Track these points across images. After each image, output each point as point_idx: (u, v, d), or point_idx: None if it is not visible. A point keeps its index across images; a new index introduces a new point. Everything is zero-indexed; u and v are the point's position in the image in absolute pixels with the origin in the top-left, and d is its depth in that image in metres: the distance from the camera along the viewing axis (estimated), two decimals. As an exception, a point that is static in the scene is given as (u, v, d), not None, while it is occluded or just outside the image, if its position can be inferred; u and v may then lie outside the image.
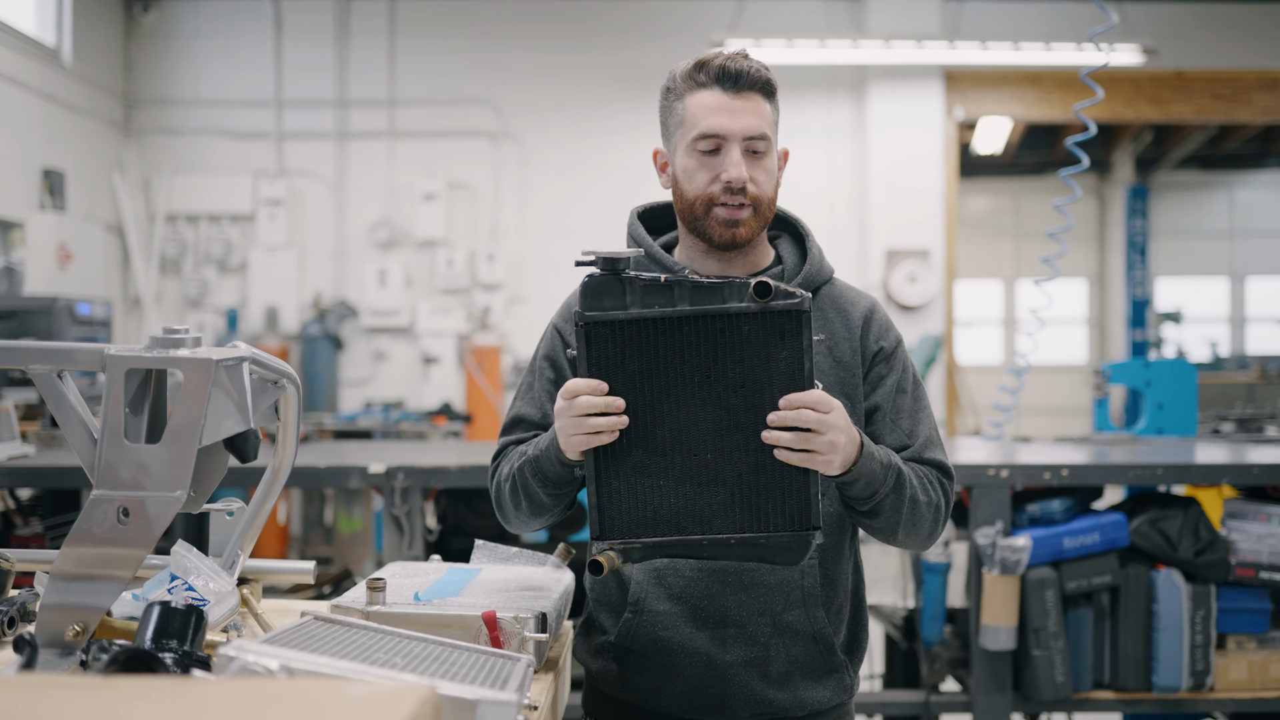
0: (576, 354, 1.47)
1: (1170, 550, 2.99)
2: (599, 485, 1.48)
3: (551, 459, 1.57)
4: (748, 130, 1.61)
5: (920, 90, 8.03)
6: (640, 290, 1.45)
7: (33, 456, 3.33)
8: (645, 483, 1.47)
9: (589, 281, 1.46)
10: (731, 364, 1.44)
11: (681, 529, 1.48)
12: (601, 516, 1.48)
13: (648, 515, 1.48)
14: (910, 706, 3.19)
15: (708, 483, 1.47)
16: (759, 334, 1.44)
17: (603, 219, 7.61)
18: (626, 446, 1.47)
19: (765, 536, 1.47)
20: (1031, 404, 11.00)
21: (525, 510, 1.67)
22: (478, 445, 4.45)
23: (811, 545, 1.48)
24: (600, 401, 1.45)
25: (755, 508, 1.47)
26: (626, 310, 1.45)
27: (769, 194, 1.65)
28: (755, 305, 1.42)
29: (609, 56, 8.17)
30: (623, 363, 1.46)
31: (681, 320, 1.44)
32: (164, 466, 1.28)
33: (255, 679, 1.00)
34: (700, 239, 1.68)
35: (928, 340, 7.73)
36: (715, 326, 1.44)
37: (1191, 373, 4.03)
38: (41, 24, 7.28)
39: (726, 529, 1.47)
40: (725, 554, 1.50)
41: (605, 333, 1.46)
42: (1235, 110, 8.47)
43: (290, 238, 8.11)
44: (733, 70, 1.61)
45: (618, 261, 1.46)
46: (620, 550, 1.49)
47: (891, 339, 1.74)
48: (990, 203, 13.11)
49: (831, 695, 1.73)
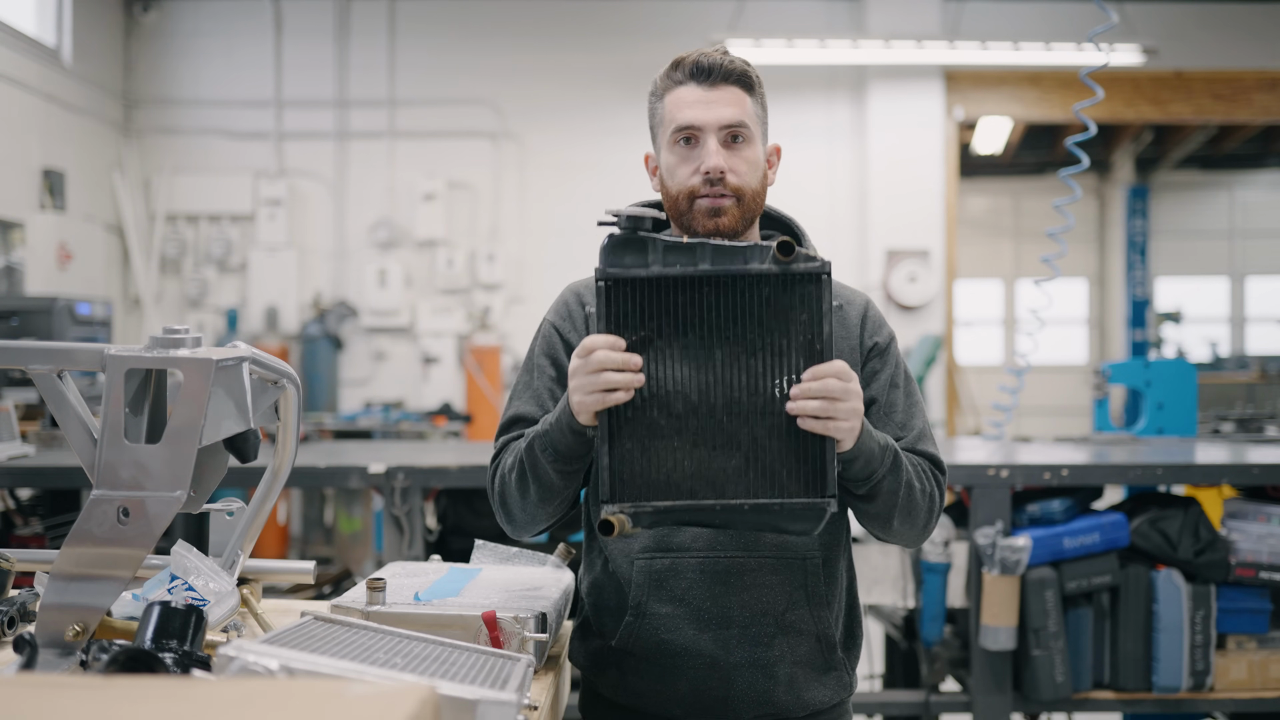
0: (595, 312, 1.45)
1: (1170, 550, 2.99)
2: (611, 446, 1.45)
3: (563, 428, 1.53)
4: (724, 120, 1.61)
5: (920, 90, 8.03)
6: (662, 250, 1.44)
7: (33, 456, 3.33)
8: (659, 445, 1.45)
9: (612, 239, 1.45)
10: (751, 326, 1.43)
11: (695, 493, 1.45)
12: (613, 478, 1.45)
13: (661, 478, 1.45)
14: (910, 706, 3.19)
15: (723, 446, 1.44)
16: (779, 296, 1.43)
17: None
18: (641, 407, 1.44)
19: (780, 503, 1.45)
20: (1031, 404, 11.01)
21: (534, 496, 1.62)
22: (478, 445, 4.45)
23: (826, 514, 1.46)
24: (618, 357, 1.42)
25: (770, 473, 1.45)
26: (648, 268, 1.43)
27: (752, 185, 1.64)
28: (776, 266, 1.42)
29: (609, 56, 8.17)
30: (641, 321, 1.44)
31: (702, 280, 1.43)
32: (164, 466, 1.28)
33: (255, 679, 1.00)
34: (688, 233, 1.67)
35: (928, 340, 7.72)
36: (736, 287, 1.43)
37: (1191, 373, 4.03)
38: (41, 24, 7.28)
39: (741, 494, 1.45)
40: (738, 520, 1.48)
41: (625, 289, 1.43)
42: (1235, 110, 8.47)
43: (290, 238, 8.11)
44: (705, 64, 1.63)
45: (641, 220, 1.45)
46: (631, 513, 1.45)
47: (885, 335, 1.76)
48: (990, 203, 13.11)
49: (832, 694, 1.73)
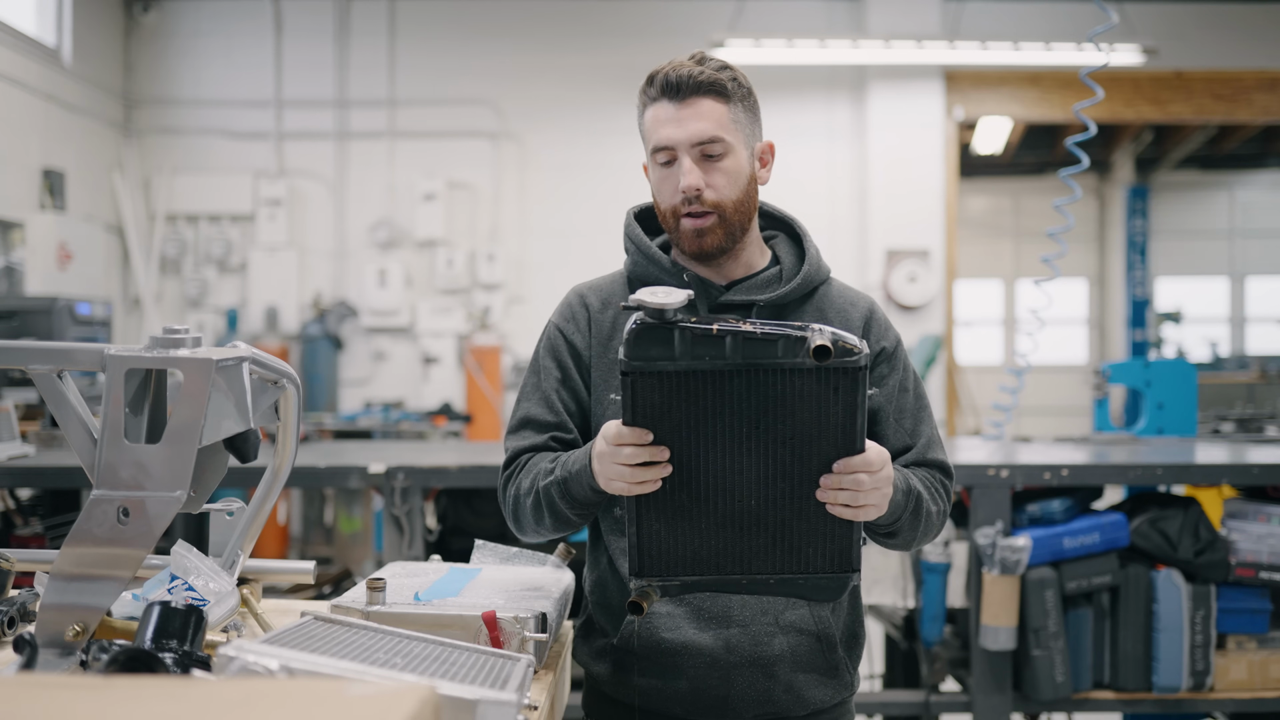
0: (621, 400, 1.42)
1: (1170, 550, 2.99)
2: (639, 526, 1.46)
3: (583, 486, 1.56)
4: (694, 137, 1.60)
5: (920, 90, 8.03)
6: (690, 341, 1.38)
7: (33, 456, 3.33)
8: (686, 525, 1.45)
9: (636, 328, 1.39)
10: (782, 417, 1.40)
11: (721, 569, 1.47)
12: (641, 556, 1.46)
13: (688, 555, 1.46)
14: (910, 706, 3.19)
15: (749, 527, 1.45)
16: (813, 389, 1.38)
17: (603, 219, 7.60)
18: (669, 491, 1.44)
19: (805, 577, 1.47)
20: (1031, 404, 11.01)
21: (549, 526, 1.67)
22: (478, 445, 4.45)
23: (849, 585, 1.50)
24: (645, 452, 1.41)
25: (796, 550, 1.46)
26: (675, 361, 1.38)
27: (732, 197, 1.63)
28: (811, 363, 1.36)
29: (609, 56, 8.17)
30: (668, 412, 1.41)
31: (732, 373, 1.38)
32: (164, 466, 1.28)
33: (255, 679, 1.00)
34: (679, 249, 1.69)
35: (928, 340, 7.72)
36: (767, 380, 1.38)
37: (1191, 373, 4.03)
38: (41, 24, 7.28)
39: (766, 570, 1.47)
40: (763, 590, 1.51)
41: (651, 382, 1.40)
42: (1235, 110, 8.47)
43: (290, 238, 8.11)
44: (674, 80, 1.60)
45: (665, 311, 1.38)
46: (659, 586, 1.47)
47: (892, 338, 1.74)
48: (990, 203, 13.10)
49: (833, 693, 1.73)
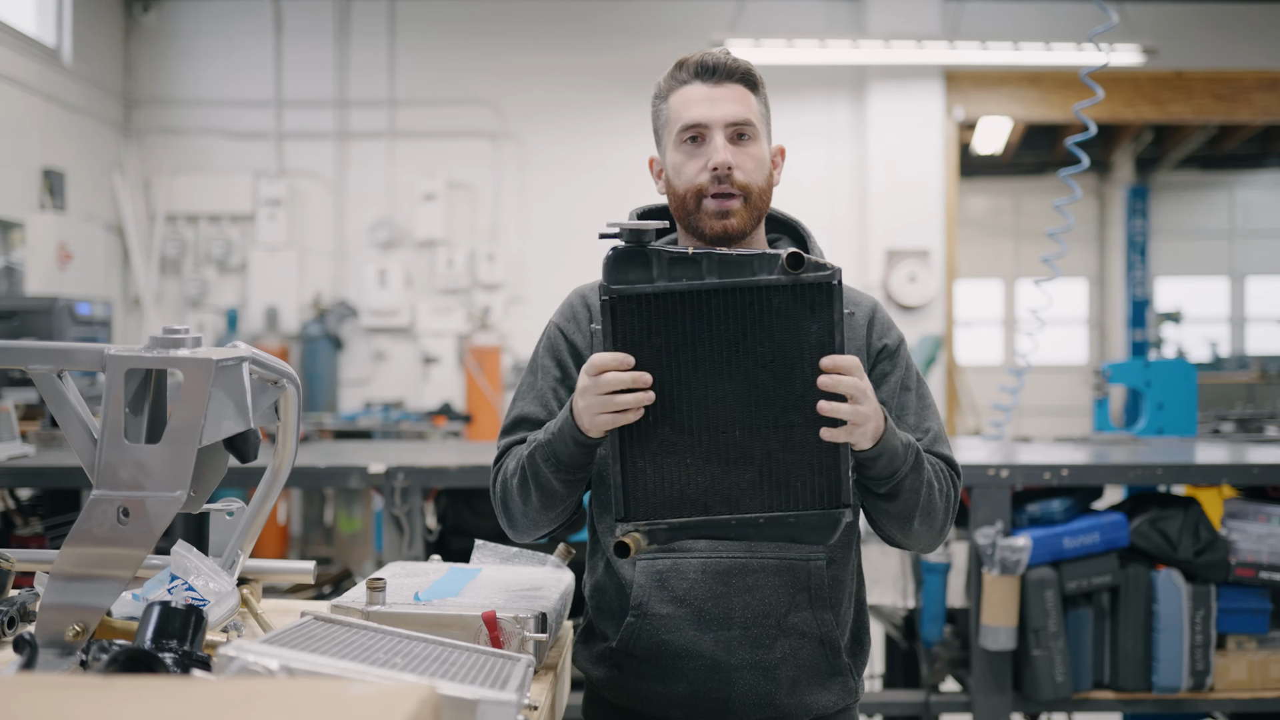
0: (600, 329, 1.42)
1: (1170, 550, 2.99)
2: (624, 465, 1.43)
3: (566, 440, 1.53)
4: (729, 117, 1.61)
5: (920, 90, 8.03)
6: (666, 263, 1.40)
7: (33, 456, 3.33)
8: (671, 461, 1.43)
9: (614, 253, 1.42)
10: (761, 338, 1.40)
11: (709, 509, 1.44)
12: (627, 497, 1.44)
13: (674, 495, 1.44)
14: (910, 706, 3.19)
15: (735, 461, 1.43)
16: (789, 307, 1.40)
17: (603, 219, 7.56)
18: (652, 424, 1.42)
19: (795, 515, 1.44)
20: (1031, 404, 11.01)
21: (535, 503, 1.61)
22: (478, 445, 4.45)
23: (841, 523, 1.45)
24: (627, 377, 1.41)
25: (784, 486, 1.43)
26: (653, 283, 1.40)
27: (758, 183, 1.63)
28: (786, 278, 1.39)
29: (609, 56, 8.17)
30: (649, 337, 1.41)
31: (709, 293, 1.39)
32: (164, 466, 1.28)
33: (255, 679, 1.00)
34: (695, 235, 1.66)
35: (928, 340, 7.72)
36: (744, 300, 1.40)
37: (1191, 373, 4.03)
38: (41, 24, 7.28)
39: (755, 508, 1.44)
40: (753, 533, 1.47)
41: (631, 306, 1.41)
42: (1235, 110, 8.47)
43: (290, 238, 8.11)
44: (710, 63, 1.63)
45: (643, 234, 1.41)
46: (646, 531, 1.44)
47: (894, 337, 1.74)
48: (990, 203, 13.10)
49: (837, 699, 1.71)
